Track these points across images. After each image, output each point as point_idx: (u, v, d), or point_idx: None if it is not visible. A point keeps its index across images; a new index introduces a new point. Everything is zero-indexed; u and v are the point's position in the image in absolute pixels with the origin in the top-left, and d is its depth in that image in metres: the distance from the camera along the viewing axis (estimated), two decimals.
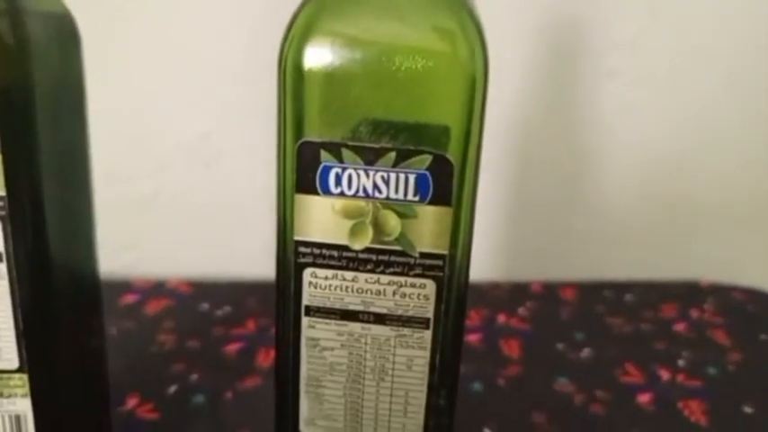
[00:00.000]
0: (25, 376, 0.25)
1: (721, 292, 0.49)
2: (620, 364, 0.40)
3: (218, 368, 0.38)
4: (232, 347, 0.41)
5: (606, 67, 0.48)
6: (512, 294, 0.48)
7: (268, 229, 0.52)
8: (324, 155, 0.20)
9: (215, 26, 0.46)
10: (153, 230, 0.50)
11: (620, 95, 0.49)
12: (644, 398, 0.37)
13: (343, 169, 0.20)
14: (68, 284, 0.27)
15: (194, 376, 0.37)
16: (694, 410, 0.36)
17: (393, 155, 0.20)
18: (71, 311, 0.27)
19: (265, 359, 0.40)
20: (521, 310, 0.46)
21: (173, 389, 0.36)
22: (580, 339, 0.42)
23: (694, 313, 0.46)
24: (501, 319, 0.44)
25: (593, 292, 0.48)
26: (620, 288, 0.49)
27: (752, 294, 0.49)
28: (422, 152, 0.20)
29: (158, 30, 0.46)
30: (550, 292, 0.48)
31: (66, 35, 0.27)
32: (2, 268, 0.24)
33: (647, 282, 0.50)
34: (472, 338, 0.41)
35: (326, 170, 0.20)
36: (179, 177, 0.49)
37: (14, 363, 0.25)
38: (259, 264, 0.50)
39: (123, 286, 0.46)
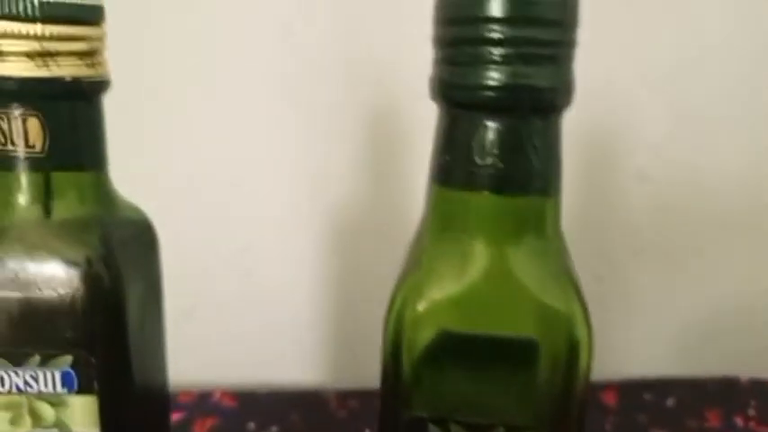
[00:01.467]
0: None
1: (762, 392, 0.49)
2: None
3: None
4: None
5: (634, 168, 0.48)
6: None
7: (308, 340, 0.52)
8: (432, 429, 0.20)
9: (252, 147, 0.46)
10: (192, 342, 0.50)
11: (649, 198, 0.49)
12: None
13: None
14: None
15: None
16: None
17: None
18: None
19: None
20: None
21: None
22: None
23: (739, 421, 0.46)
24: None
25: (634, 396, 0.49)
26: (660, 390, 0.49)
27: None
28: None
29: (198, 144, 0.46)
30: (592, 396, 0.48)
31: (149, 243, 0.27)
32: None
33: (687, 379, 0.50)
34: None
35: None
36: (218, 289, 0.49)
37: None
38: (298, 373, 0.51)
39: None
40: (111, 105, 0.25)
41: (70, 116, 0.23)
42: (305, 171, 0.48)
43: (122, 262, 0.24)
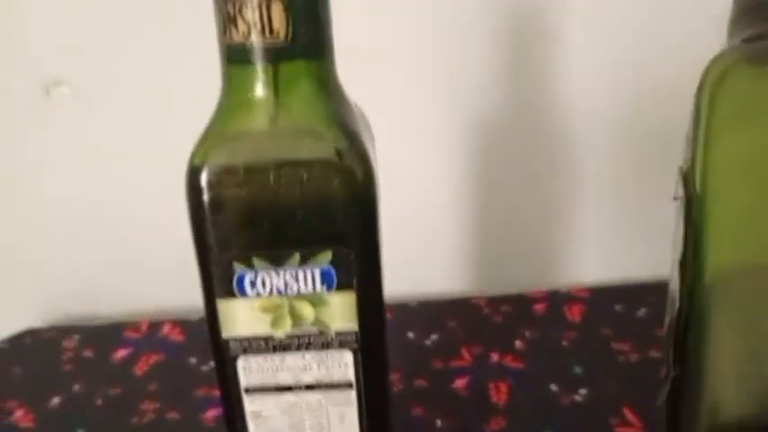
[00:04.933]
0: None
1: None
2: None
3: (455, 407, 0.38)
4: (459, 383, 0.40)
5: None
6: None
7: (452, 249, 0.50)
8: None
9: (389, 59, 0.45)
10: None
11: None
12: None
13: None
14: None
15: (438, 422, 0.37)
16: None
17: None
18: None
19: (496, 394, 0.39)
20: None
21: None
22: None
23: None
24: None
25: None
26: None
27: None
28: None
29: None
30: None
31: (372, 138, 0.27)
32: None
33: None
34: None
35: None
36: None
37: None
38: (444, 283, 0.50)
39: None
40: None
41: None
42: (443, 79, 0.46)
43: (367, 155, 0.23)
